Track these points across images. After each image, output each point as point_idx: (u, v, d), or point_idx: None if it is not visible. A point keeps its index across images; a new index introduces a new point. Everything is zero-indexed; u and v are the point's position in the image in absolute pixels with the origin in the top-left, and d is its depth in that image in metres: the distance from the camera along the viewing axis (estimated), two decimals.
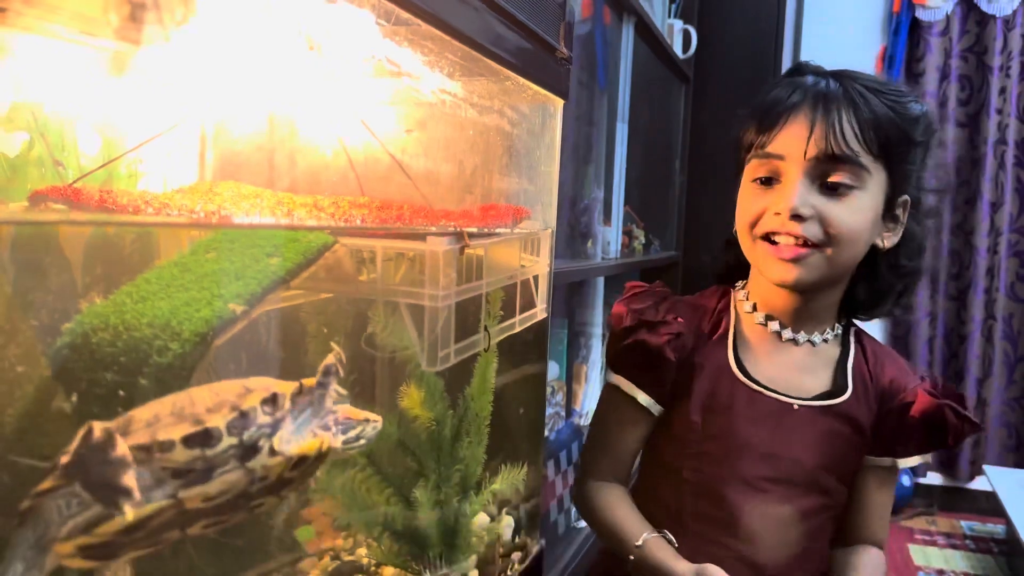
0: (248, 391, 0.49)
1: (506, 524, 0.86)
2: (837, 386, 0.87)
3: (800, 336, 0.87)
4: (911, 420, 0.86)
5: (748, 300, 0.89)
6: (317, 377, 0.52)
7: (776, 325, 0.87)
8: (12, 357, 0.47)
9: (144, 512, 0.45)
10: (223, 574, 0.62)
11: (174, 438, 0.45)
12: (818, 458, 0.85)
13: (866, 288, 0.87)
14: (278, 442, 0.49)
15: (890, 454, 0.89)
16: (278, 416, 0.50)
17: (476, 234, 0.76)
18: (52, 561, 0.45)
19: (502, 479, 0.83)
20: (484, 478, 0.80)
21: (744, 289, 0.91)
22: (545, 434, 1.43)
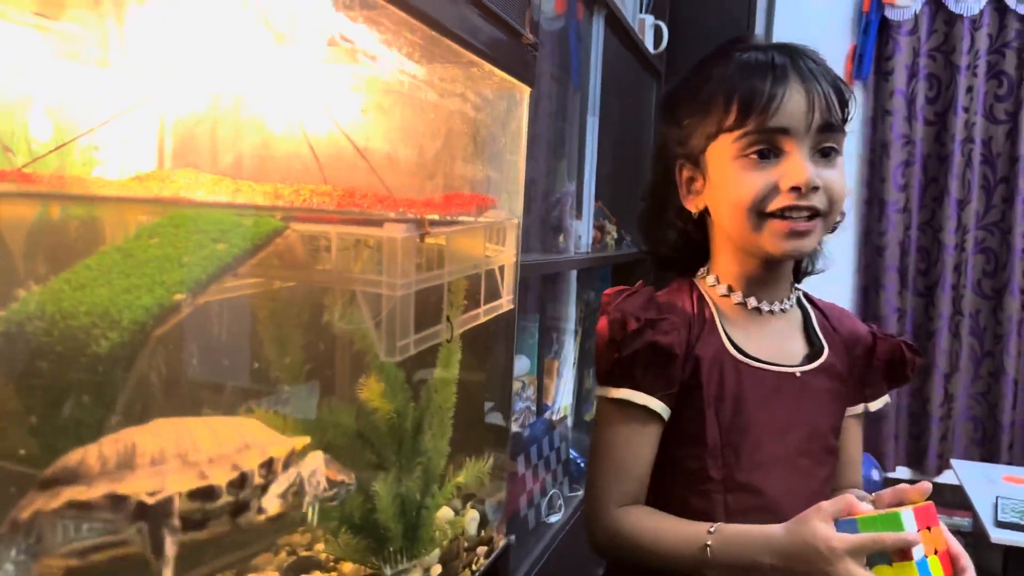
0: (247, 447, 0.55)
1: (471, 518, 0.84)
2: (815, 347, 0.90)
3: (775, 306, 0.89)
4: (877, 363, 0.92)
5: (720, 283, 0.88)
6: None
7: (754, 300, 0.87)
8: None
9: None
10: (178, 569, 0.60)
11: (182, 491, 0.50)
12: (827, 418, 0.88)
13: None
14: (266, 502, 0.55)
15: (862, 400, 0.94)
16: (269, 479, 0.55)
17: (438, 222, 0.74)
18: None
19: (467, 472, 0.81)
20: (448, 471, 0.79)
21: (711, 274, 0.89)
22: (514, 429, 1.42)
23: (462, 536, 0.82)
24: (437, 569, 0.75)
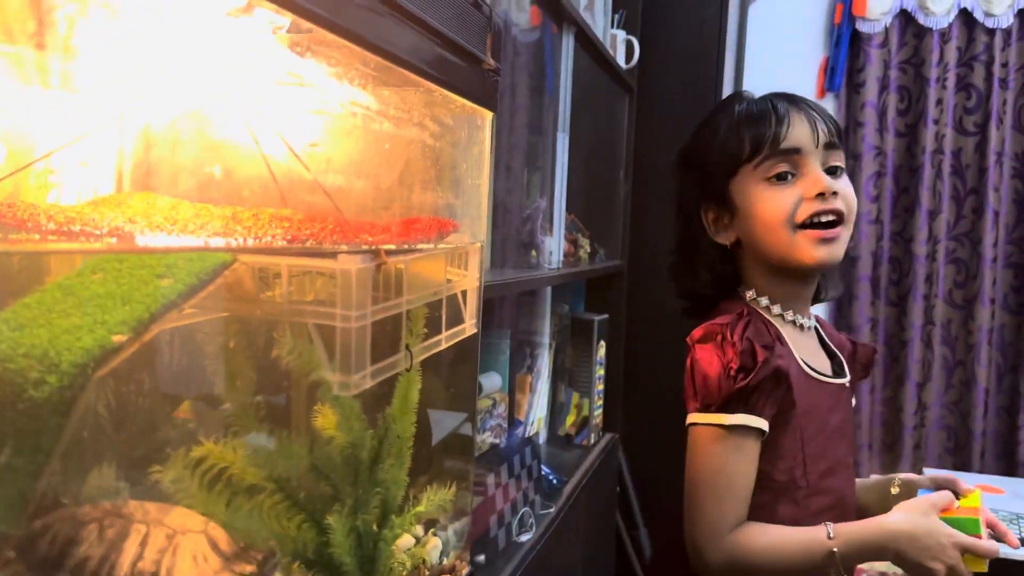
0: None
1: (432, 546, 0.84)
2: (835, 359, 1.01)
3: (807, 322, 0.99)
4: (857, 366, 1.05)
5: (773, 304, 0.95)
6: None
7: (799, 317, 0.97)
8: None
9: None
10: None
11: None
12: (852, 420, 1.00)
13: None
14: None
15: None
16: None
17: (396, 250, 0.74)
18: None
19: (427, 500, 0.81)
20: (408, 500, 0.78)
21: (758, 294, 0.96)
22: (488, 443, 1.41)
23: (423, 565, 0.81)
24: None
